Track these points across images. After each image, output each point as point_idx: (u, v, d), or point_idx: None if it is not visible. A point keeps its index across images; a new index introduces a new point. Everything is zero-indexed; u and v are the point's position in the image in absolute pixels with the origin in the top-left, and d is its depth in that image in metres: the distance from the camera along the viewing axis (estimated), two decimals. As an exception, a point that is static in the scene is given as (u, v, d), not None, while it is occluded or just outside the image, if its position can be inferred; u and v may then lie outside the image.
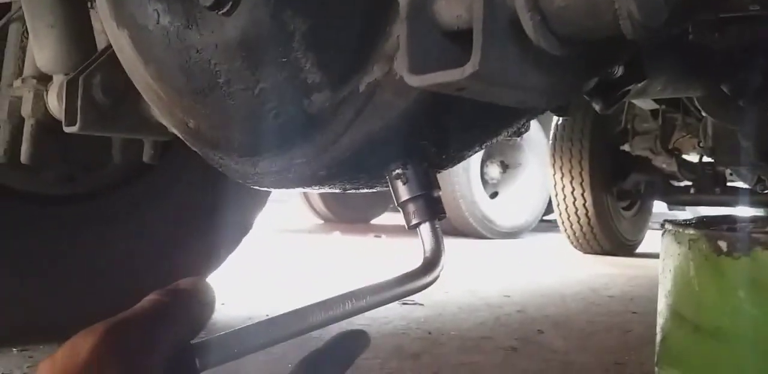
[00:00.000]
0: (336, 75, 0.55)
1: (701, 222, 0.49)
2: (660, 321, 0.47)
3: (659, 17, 0.35)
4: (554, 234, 4.44)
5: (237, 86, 0.56)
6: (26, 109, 0.98)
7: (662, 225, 0.47)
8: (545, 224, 4.94)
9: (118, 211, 1.30)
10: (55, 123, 0.98)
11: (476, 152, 0.73)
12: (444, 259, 0.66)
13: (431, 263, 0.63)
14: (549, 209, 4.47)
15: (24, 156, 0.99)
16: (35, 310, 1.23)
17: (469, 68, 0.39)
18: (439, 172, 0.67)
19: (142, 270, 1.34)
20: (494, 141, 0.73)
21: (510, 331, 1.53)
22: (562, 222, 3.18)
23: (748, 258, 0.36)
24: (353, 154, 0.61)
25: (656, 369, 0.46)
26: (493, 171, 4.33)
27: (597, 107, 1.09)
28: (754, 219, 0.50)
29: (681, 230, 0.42)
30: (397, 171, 0.62)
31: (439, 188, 0.64)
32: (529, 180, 4.38)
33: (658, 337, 0.46)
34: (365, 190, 0.72)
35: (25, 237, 1.18)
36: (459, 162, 0.72)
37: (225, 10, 0.51)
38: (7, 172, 1.15)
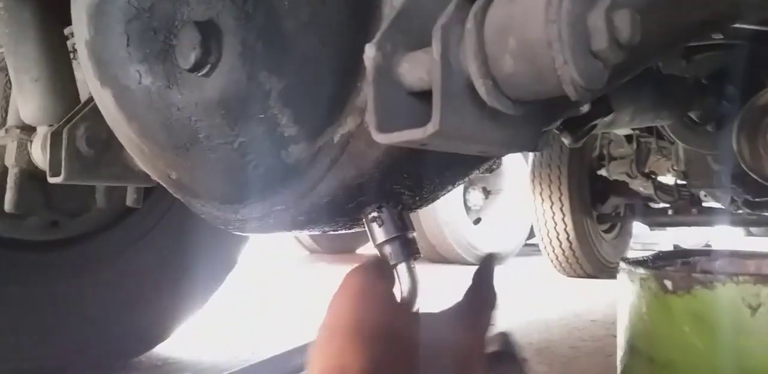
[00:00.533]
0: (311, 128, 0.59)
1: (657, 259, 0.53)
2: (619, 353, 0.49)
3: (600, 80, 0.39)
4: (537, 258, 4.48)
5: (217, 141, 0.59)
6: (10, 159, 1.00)
7: (618, 264, 0.51)
8: (529, 248, 4.98)
9: (103, 255, 1.31)
10: (39, 171, 1.00)
11: (450, 191, 0.76)
12: (420, 298, 0.69)
13: (408, 303, 0.66)
14: (532, 233, 4.52)
15: (8, 204, 1.00)
16: (16, 357, 1.22)
17: (430, 128, 0.42)
18: (414, 212, 0.70)
19: (127, 315, 1.34)
20: (467, 180, 0.76)
21: (496, 360, 1.55)
22: (545, 247, 3.22)
23: (690, 296, 0.40)
24: (330, 200, 0.64)
25: None
26: (476, 197, 4.37)
27: (566, 141, 1.14)
28: (703, 253, 0.54)
29: (633, 269, 0.45)
30: (373, 214, 0.65)
31: (414, 229, 0.67)
32: (511, 205, 4.43)
33: (619, 369, 0.49)
34: (344, 231, 0.75)
35: (7, 284, 1.18)
36: (433, 201, 0.75)
37: (204, 72, 0.54)
38: (-10, 220, 1.16)
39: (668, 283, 0.41)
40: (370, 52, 0.46)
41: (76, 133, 0.82)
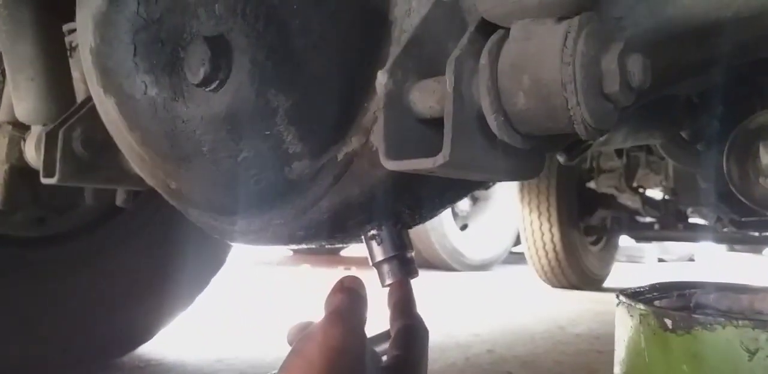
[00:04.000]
0: (316, 146, 0.59)
1: (653, 290, 0.53)
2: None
3: (610, 121, 0.40)
4: (523, 266, 4.50)
5: (220, 154, 0.59)
6: (0, 155, 0.99)
7: (617, 296, 0.51)
8: (514, 256, 5.00)
9: (89, 254, 1.29)
10: (29, 167, 0.99)
11: (447, 209, 0.76)
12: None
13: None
14: (518, 241, 4.54)
15: (-3, 200, 0.99)
16: (1, 354, 1.20)
17: (440, 159, 0.43)
18: (410, 228, 0.70)
19: (111, 314, 1.33)
20: (462, 199, 0.76)
21: (480, 372, 1.55)
22: (531, 257, 3.23)
23: (690, 336, 0.40)
24: (331, 217, 0.64)
25: None
26: (463, 204, 4.38)
27: (561, 159, 1.15)
28: (698, 286, 0.54)
29: (633, 304, 0.45)
30: (372, 232, 0.65)
31: (413, 248, 0.67)
32: (498, 213, 4.45)
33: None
34: (340, 246, 0.75)
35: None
36: (431, 219, 0.76)
37: (212, 87, 0.54)
38: (-23, 215, 1.14)
39: (668, 322, 0.41)
40: (382, 78, 0.46)
41: (72, 134, 0.81)
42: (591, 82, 0.35)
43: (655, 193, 3.13)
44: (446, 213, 4.06)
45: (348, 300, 0.48)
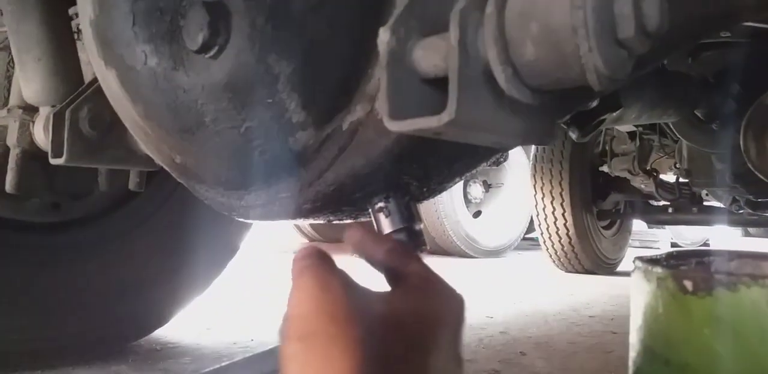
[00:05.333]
0: (320, 114, 0.57)
1: (670, 258, 0.51)
2: (632, 354, 0.48)
3: (625, 70, 0.38)
4: (536, 252, 4.48)
5: (223, 125, 0.58)
6: (12, 139, 0.99)
7: (633, 262, 0.50)
8: (527, 242, 4.98)
9: (104, 238, 1.30)
10: (41, 152, 0.99)
11: (456, 183, 0.75)
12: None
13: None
14: (531, 227, 4.52)
15: (9, 185, 0.99)
16: (15, 339, 1.21)
17: (445, 116, 0.41)
18: (420, 203, 0.69)
19: (126, 298, 1.33)
20: (474, 171, 0.75)
21: (493, 353, 1.54)
22: (544, 242, 3.21)
23: (712, 298, 0.38)
24: (337, 189, 0.63)
25: None
26: (476, 190, 4.36)
27: (573, 136, 1.13)
28: (718, 254, 0.53)
29: (650, 268, 0.44)
30: (380, 204, 0.64)
31: (421, 220, 0.66)
32: (511, 199, 4.42)
33: (630, 370, 0.48)
34: (349, 221, 0.74)
35: (9, 265, 1.18)
36: (440, 193, 0.74)
37: (211, 53, 0.53)
38: (-9, 201, 1.15)
39: (688, 284, 0.40)
40: (384, 36, 0.44)
41: (79, 114, 0.81)
42: (604, 26, 0.33)
43: (669, 177, 3.09)
44: (459, 201, 4.05)
45: (304, 261, 0.42)
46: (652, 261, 0.47)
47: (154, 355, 1.40)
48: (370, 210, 0.66)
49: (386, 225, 0.64)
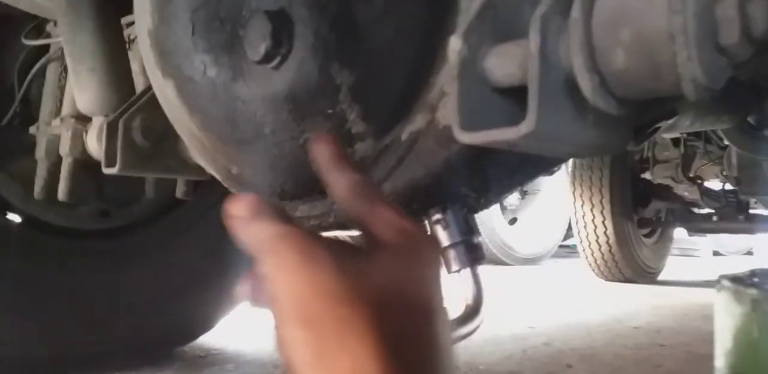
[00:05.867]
0: (380, 125, 0.56)
1: (754, 275, 0.48)
2: (717, 376, 0.45)
3: (723, 79, 0.36)
4: (574, 259, 4.39)
5: (282, 136, 0.57)
6: (64, 148, 1.00)
7: (717, 282, 0.47)
8: (564, 250, 4.89)
9: (150, 245, 1.31)
10: (92, 161, 1.00)
11: (512, 194, 0.73)
12: (484, 307, 0.66)
13: (473, 310, 0.63)
14: (567, 235, 4.44)
15: (62, 193, 1.01)
16: (65, 344, 1.23)
17: (524, 128, 0.39)
18: (476, 213, 0.67)
19: (172, 304, 1.34)
20: (529, 183, 0.73)
21: (538, 365, 1.51)
22: (583, 250, 3.15)
23: (815, 321, 0.36)
24: (394, 200, 0.62)
25: None
26: (512, 197, 4.31)
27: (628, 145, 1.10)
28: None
29: (742, 289, 0.41)
30: (437, 216, 0.62)
31: (479, 233, 0.64)
32: (547, 206, 4.36)
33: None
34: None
35: (60, 271, 1.19)
36: (495, 204, 0.72)
37: (273, 64, 0.52)
38: (43, 208, 1.17)
39: (787, 305, 0.37)
40: (455, 44, 0.43)
41: (132, 124, 0.81)
42: (705, 32, 0.31)
43: (714, 184, 3.00)
44: (495, 208, 4.00)
45: (266, 226, 0.35)
46: (739, 280, 0.44)
47: (199, 362, 1.41)
48: (426, 222, 0.64)
49: (444, 238, 0.63)
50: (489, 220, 3.90)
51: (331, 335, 0.30)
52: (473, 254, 0.62)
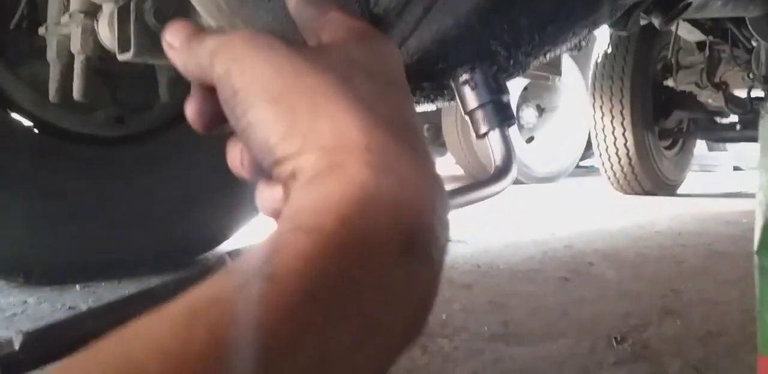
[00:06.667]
0: (404, -30, 0.53)
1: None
2: (760, 208, 0.45)
3: None
4: (591, 178, 4.38)
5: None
6: (75, 46, 0.97)
7: (762, 107, 0.45)
8: (580, 170, 4.87)
9: (167, 152, 1.31)
10: (106, 61, 0.98)
11: (541, 60, 0.70)
12: (515, 167, 0.65)
13: (503, 170, 0.62)
14: (585, 155, 4.40)
15: (77, 92, 0.99)
16: (91, 249, 1.26)
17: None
18: (507, 75, 0.65)
19: (192, 212, 1.36)
20: (558, 48, 0.70)
21: (560, 264, 1.53)
22: (603, 163, 3.13)
23: None
24: (420, 59, 0.59)
25: (756, 257, 0.44)
26: (529, 115, 4.25)
27: (656, 22, 1.05)
28: None
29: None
30: (465, 76, 0.60)
31: (509, 92, 0.62)
32: (565, 124, 4.30)
33: (759, 224, 0.45)
34: (424, 104, 0.71)
35: (80, 178, 1.20)
36: (525, 70, 0.70)
37: None
38: (59, 113, 1.16)
39: None
40: None
41: (144, 6, 0.78)
42: None
43: (739, 92, 2.92)
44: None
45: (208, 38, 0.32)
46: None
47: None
48: (453, 84, 0.62)
49: (472, 99, 0.61)
50: (506, 139, 3.85)
51: (301, 103, 0.29)
52: (502, 114, 0.60)
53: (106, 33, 0.88)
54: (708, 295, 1.22)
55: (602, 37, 2.96)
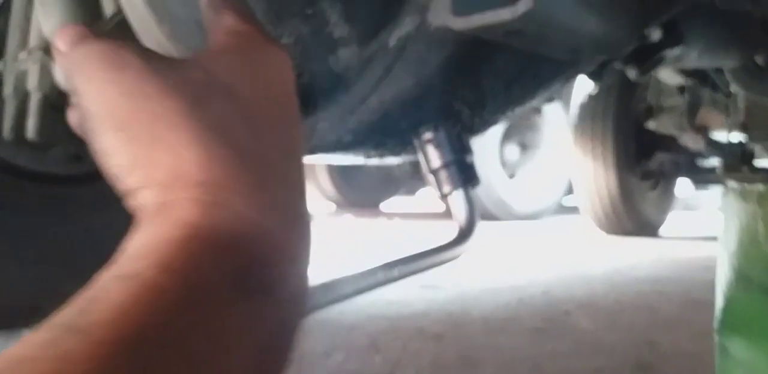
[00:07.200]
0: (364, 28, 0.51)
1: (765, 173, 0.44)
2: (721, 286, 0.42)
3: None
4: (573, 216, 4.37)
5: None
6: (32, 83, 0.94)
7: (724, 185, 0.43)
8: (564, 209, 4.87)
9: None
10: (62, 99, 0.94)
11: (507, 117, 0.68)
12: (478, 228, 0.62)
13: (466, 232, 0.59)
14: (568, 193, 4.40)
15: (31, 131, 0.95)
16: (40, 292, 1.20)
17: (522, 6, 0.34)
18: (470, 134, 0.63)
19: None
20: (526, 105, 0.68)
21: (536, 312, 1.49)
22: (584, 202, 3.12)
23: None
24: (382, 117, 0.57)
25: (716, 336, 0.41)
26: (511, 151, 4.26)
27: (631, 73, 1.04)
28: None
29: (748, 187, 0.37)
30: (428, 135, 0.58)
31: (473, 153, 0.60)
32: (547, 162, 4.31)
33: (719, 303, 0.42)
34: (389, 158, 0.68)
35: (32, 217, 1.16)
36: (490, 127, 0.68)
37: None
38: (14, 151, 1.12)
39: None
40: None
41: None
42: None
43: (719, 136, 2.94)
44: (493, 162, 3.95)
45: (80, 47, 0.30)
46: (749, 178, 0.40)
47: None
48: (416, 142, 0.60)
49: (435, 158, 0.58)
50: (487, 174, 3.85)
51: (142, 134, 0.27)
52: (466, 174, 0.57)
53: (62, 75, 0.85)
54: (683, 347, 1.19)
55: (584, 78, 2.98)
